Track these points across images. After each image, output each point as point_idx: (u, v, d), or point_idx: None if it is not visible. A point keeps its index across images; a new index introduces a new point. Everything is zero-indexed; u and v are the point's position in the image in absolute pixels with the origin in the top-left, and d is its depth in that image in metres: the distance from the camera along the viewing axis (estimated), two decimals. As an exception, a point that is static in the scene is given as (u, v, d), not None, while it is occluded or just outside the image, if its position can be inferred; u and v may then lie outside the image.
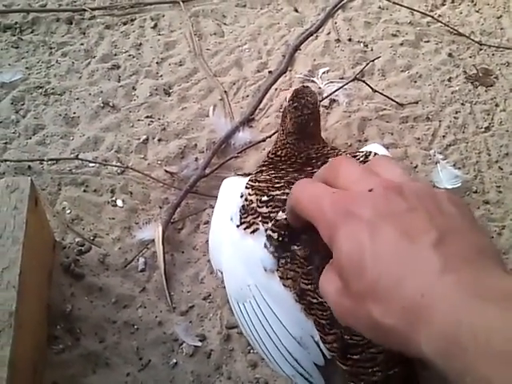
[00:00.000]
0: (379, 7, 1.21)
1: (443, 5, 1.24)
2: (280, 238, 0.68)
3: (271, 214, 0.70)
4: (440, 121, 1.03)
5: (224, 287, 0.77)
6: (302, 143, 0.80)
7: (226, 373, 0.75)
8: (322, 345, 0.67)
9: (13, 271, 0.65)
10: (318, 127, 0.83)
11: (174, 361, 0.76)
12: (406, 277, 0.38)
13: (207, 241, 0.83)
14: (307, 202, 0.47)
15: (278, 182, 0.74)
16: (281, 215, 0.69)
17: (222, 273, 0.77)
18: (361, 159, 0.75)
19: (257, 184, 0.74)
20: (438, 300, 0.36)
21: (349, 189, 0.45)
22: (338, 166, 0.48)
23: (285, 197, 0.70)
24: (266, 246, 0.69)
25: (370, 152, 0.77)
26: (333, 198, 0.44)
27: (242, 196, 0.74)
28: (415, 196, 0.42)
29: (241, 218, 0.72)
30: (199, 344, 0.77)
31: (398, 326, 0.38)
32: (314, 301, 0.65)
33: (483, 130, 1.03)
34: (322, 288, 0.47)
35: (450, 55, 1.13)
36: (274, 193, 0.72)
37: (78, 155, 0.93)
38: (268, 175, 0.77)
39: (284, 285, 0.68)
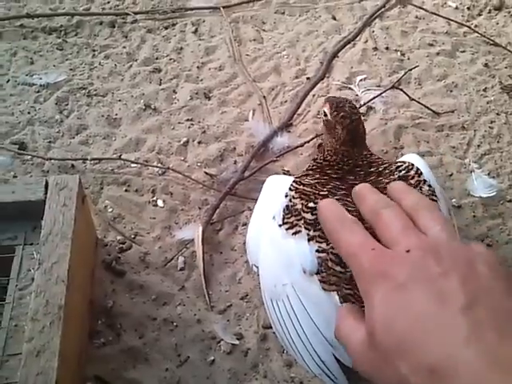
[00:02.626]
0: (416, 17, 1.22)
1: (480, 15, 1.24)
2: None
3: (319, 227, 0.70)
4: (475, 130, 1.04)
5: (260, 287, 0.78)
6: (356, 148, 0.80)
7: (262, 371, 0.77)
8: None
9: (62, 266, 0.67)
10: (365, 131, 0.84)
11: (212, 358, 0.78)
12: (434, 340, 0.39)
13: (245, 242, 0.84)
14: (346, 252, 0.48)
15: (321, 190, 0.75)
16: None
17: (257, 267, 0.78)
18: (402, 172, 0.76)
19: (301, 187, 0.75)
20: (462, 369, 0.37)
21: (388, 245, 0.47)
22: (380, 213, 0.49)
23: None
24: (318, 251, 0.69)
25: (413, 165, 0.77)
26: (371, 256, 0.46)
27: (286, 196, 0.75)
28: (450, 258, 0.43)
29: (284, 218, 0.73)
30: (236, 342, 0.79)
31: None
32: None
33: (518, 140, 1.03)
34: (342, 334, 0.48)
35: (485, 65, 1.14)
36: (319, 201, 0.73)
37: (120, 155, 0.95)
38: (312, 179, 0.78)
39: (324, 289, 0.69)
